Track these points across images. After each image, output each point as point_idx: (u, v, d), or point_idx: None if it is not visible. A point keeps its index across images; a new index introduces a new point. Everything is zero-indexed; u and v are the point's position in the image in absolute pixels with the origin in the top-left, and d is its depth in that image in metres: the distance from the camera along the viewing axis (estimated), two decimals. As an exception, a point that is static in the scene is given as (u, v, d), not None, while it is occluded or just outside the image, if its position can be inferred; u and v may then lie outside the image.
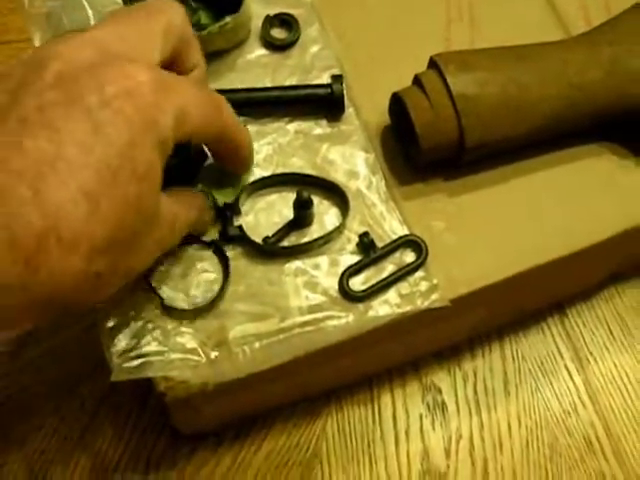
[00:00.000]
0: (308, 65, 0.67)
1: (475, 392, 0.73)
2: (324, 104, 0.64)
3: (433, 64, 0.61)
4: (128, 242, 0.46)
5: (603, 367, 0.76)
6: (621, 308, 0.78)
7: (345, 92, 0.64)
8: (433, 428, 0.72)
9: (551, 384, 0.74)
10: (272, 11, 0.68)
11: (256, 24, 0.68)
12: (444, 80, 0.60)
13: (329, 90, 0.64)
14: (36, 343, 0.72)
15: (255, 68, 0.67)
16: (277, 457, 0.70)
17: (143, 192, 0.45)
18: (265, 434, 0.70)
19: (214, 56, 0.66)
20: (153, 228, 0.49)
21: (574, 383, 0.75)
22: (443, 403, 0.73)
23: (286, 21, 0.68)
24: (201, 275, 0.60)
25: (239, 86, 0.65)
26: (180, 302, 0.59)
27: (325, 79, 0.66)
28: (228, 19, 0.63)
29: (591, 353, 0.76)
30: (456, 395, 0.73)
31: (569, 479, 0.71)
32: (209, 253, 0.61)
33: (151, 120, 0.45)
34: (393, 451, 0.71)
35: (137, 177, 0.44)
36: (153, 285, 0.59)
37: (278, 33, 0.68)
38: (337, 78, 0.64)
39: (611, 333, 0.77)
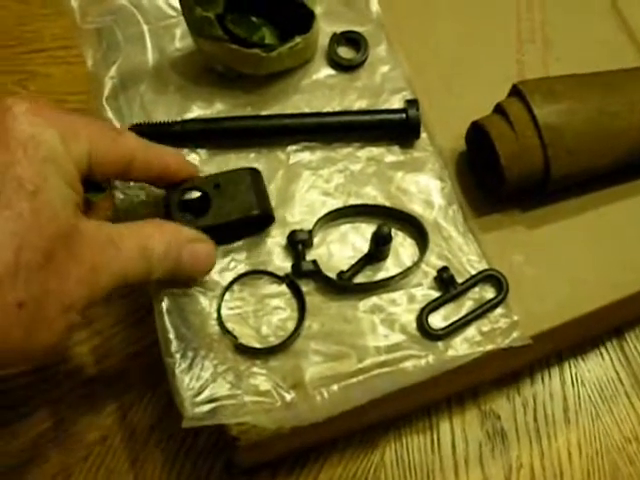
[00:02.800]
0: (377, 87, 0.65)
1: (535, 419, 0.72)
2: (398, 130, 0.62)
3: (516, 92, 0.59)
4: (43, 264, 0.44)
5: (664, 394, 0.74)
6: (680, 333, 0.77)
7: (421, 118, 0.61)
8: (493, 456, 0.70)
9: (611, 410, 0.73)
10: (338, 29, 0.65)
11: (322, 42, 0.65)
12: (529, 110, 0.58)
13: (404, 115, 0.61)
14: (76, 371, 0.69)
15: (322, 89, 0.64)
16: (335, 488, 0.68)
17: (40, 207, 0.44)
18: (321, 465, 0.68)
19: (279, 76, 0.63)
20: (78, 248, 0.47)
21: (635, 410, 0.73)
22: (502, 430, 0.71)
23: (353, 40, 0.65)
24: (274, 312, 0.57)
25: (305, 108, 0.63)
26: (252, 341, 0.56)
27: (396, 102, 0.64)
28: (298, 39, 0.60)
29: (651, 379, 0.75)
30: (515, 422, 0.71)
31: (632, 508, 0.70)
32: (281, 289, 0.58)
33: (27, 137, 0.45)
34: (453, 480, 0.69)
35: (27, 193, 0.44)
36: (224, 324, 0.56)
37: (345, 52, 0.65)
38: (412, 103, 0.61)
39: (671, 358, 0.76)
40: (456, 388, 0.70)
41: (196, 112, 0.63)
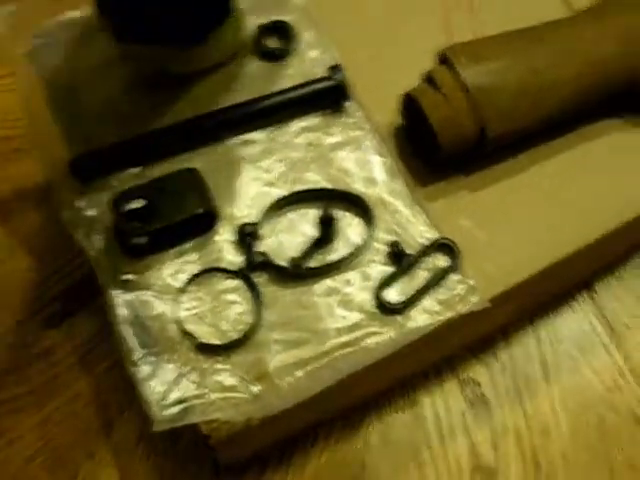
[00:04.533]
0: (309, 72, 0.65)
1: (515, 381, 0.71)
2: (328, 97, 0.62)
3: (443, 58, 0.59)
4: None
5: (640, 338, 0.74)
6: (651, 276, 0.77)
7: (348, 83, 0.63)
8: (477, 423, 0.70)
9: (590, 363, 0.73)
10: (264, 20, 0.65)
11: (251, 35, 0.65)
12: (457, 73, 0.58)
13: (330, 81, 0.61)
14: (58, 391, 0.69)
15: (255, 81, 0.65)
16: (324, 476, 0.68)
17: None
18: (307, 455, 0.68)
19: (211, 72, 0.63)
20: None
21: (614, 359, 0.73)
22: (484, 396, 0.71)
23: (280, 29, 0.65)
24: (231, 307, 0.58)
25: (240, 101, 0.63)
26: (213, 339, 0.56)
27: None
28: (221, 30, 0.60)
29: (627, 326, 0.75)
30: (496, 387, 0.71)
31: (623, 457, 0.70)
32: (235, 283, 0.58)
33: None
34: (440, 453, 0.69)
35: None
36: (183, 326, 0.56)
37: (273, 43, 0.65)
38: (335, 68, 0.62)
39: (644, 302, 0.76)
40: (429, 359, 0.70)
41: (136, 124, 0.63)
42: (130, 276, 0.58)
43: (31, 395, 0.69)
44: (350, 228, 0.60)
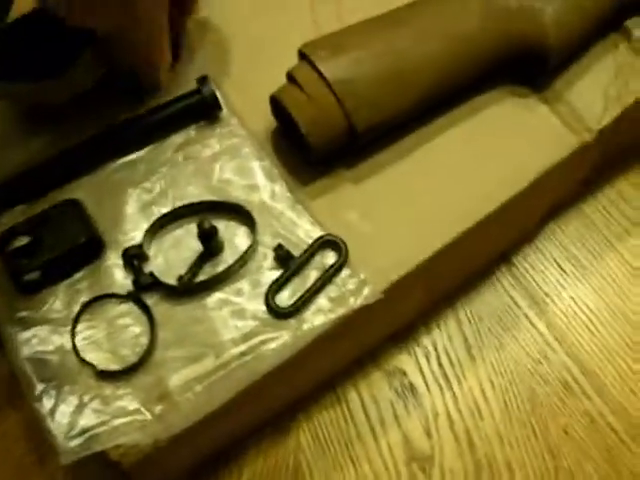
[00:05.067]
0: (181, 85, 0.64)
1: (440, 365, 0.71)
2: (201, 110, 0.62)
3: (303, 55, 0.58)
4: None
5: (562, 305, 0.74)
6: (566, 242, 0.76)
7: (217, 92, 0.63)
8: (407, 412, 0.70)
9: (515, 337, 0.72)
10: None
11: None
12: (317, 69, 0.57)
13: (200, 94, 0.61)
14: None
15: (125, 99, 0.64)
16: (260, 484, 0.68)
17: None
18: (240, 465, 0.69)
19: (81, 99, 0.63)
20: None
21: (537, 330, 0.73)
22: (411, 385, 0.71)
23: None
24: (126, 331, 0.58)
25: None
26: (112, 365, 0.56)
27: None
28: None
29: (547, 294, 0.74)
30: (422, 373, 0.71)
31: (556, 427, 0.69)
32: (128, 306, 0.58)
33: None
34: (373, 446, 0.69)
35: None
36: (81, 355, 0.56)
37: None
38: (203, 80, 0.62)
39: (562, 269, 0.75)
40: (350, 355, 0.70)
41: (15, 160, 0.63)
42: (25, 313, 0.58)
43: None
44: (237, 237, 0.60)
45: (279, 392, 0.64)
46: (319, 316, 0.57)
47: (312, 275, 0.58)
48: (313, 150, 0.58)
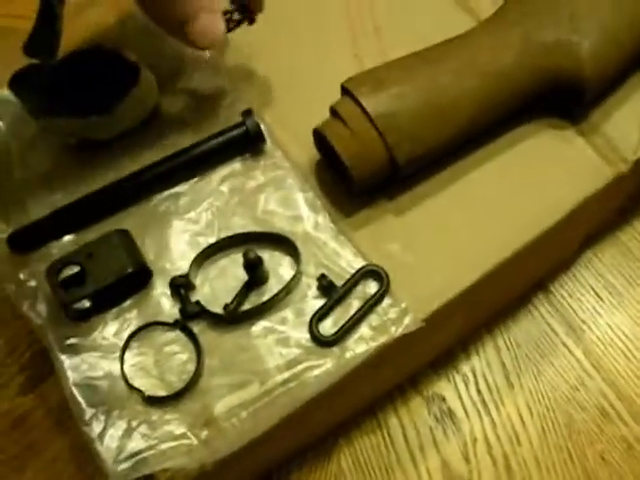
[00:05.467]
0: (226, 118, 0.66)
1: (479, 392, 0.72)
2: (245, 143, 0.64)
3: (345, 90, 0.60)
4: None
5: (599, 332, 0.75)
6: (602, 269, 0.77)
7: (261, 124, 0.64)
8: (446, 438, 0.71)
9: (552, 364, 0.73)
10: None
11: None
12: (359, 104, 0.58)
13: (244, 127, 0.63)
14: (37, 455, 0.72)
15: (175, 132, 0.66)
16: (302, 509, 0.69)
17: None
18: (285, 489, 0.70)
19: (131, 133, 0.65)
20: None
21: (574, 356, 0.74)
22: (450, 410, 0.72)
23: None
24: (173, 358, 0.59)
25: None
26: (159, 391, 0.58)
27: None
28: (130, 94, 0.62)
29: (584, 322, 0.75)
30: (461, 399, 0.72)
31: (593, 452, 0.70)
32: (175, 334, 0.60)
33: None
34: (413, 471, 0.70)
35: None
36: (129, 381, 0.58)
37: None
38: (247, 113, 0.63)
39: (598, 296, 0.76)
40: (391, 381, 0.71)
41: (63, 191, 0.65)
42: (75, 340, 0.60)
43: (12, 462, 0.71)
44: (281, 267, 0.61)
45: (321, 418, 0.65)
46: (361, 344, 0.59)
47: (354, 304, 0.60)
48: (356, 183, 0.59)
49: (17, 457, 0.72)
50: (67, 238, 0.63)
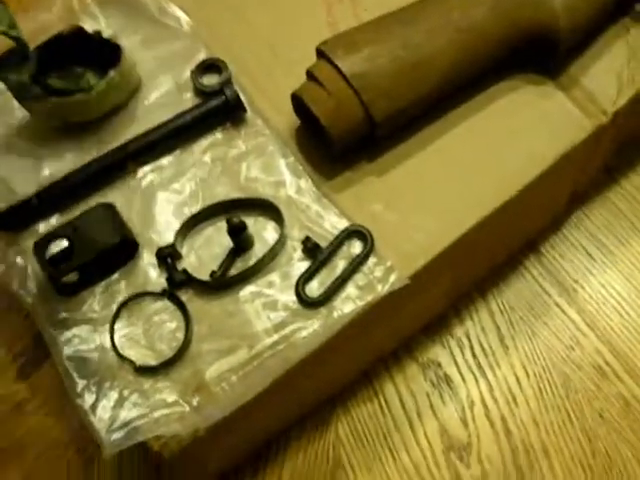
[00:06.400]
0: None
1: (474, 356, 0.72)
2: (225, 112, 0.64)
3: (321, 53, 0.60)
4: None
5: (592, 291, 0.75)
6: (593, 229, 0.77)
7: (241, 94, 0.65)
8: (443, 403, 0.71)
9: (546, 325, 0.73)
10: (156, 53, 0.67)
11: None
12: (335, 66, 0.59)
13: (224, 97, 0.63)
14: (38, 440, 0.72)
15: (157, 109, 0.66)
16: (301, 478, 0.69)
17: None
18: (282, 459, 0.70)
19: (113, 113, 0.66)
20: None
21: (568, 317, 0.74)
22: (446, 376, 0.72)
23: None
24: (162, 327, 0.59)
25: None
26: (150, 360, 0.58)
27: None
28: (112, 73, 0.63)
29: (576, 282, 0.75)
30: (456, 364, 0.72)
31: (591, 411, 0.70)
32: (163, 303, 0.60)
33: None
34: (411, 436, 0.70)
35: None
36: (120, 352, 0.58)
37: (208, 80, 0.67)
38: (226, 83, 0.64)
39: (590, 256, 0.76)
40: (384, 346, 0.71)
41: (49, 170, 0.66)
42: (66, 314, 0.60)
43: (12, 447, 0.72)
44: (266, 232, 0.62)
45: (314, 383, 0.65)
46: (348, 304, 0.59)
47: (340, 265, 0.60)
48: (335, 142, 0.59)
49: (18, 442, 0.72)
50: (55, 217, 0.64)
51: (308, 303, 0.59)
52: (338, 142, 0.60)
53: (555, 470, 0.69)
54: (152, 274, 0.61)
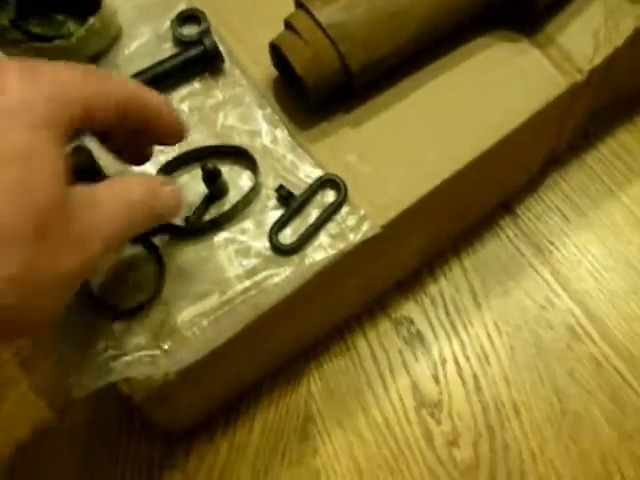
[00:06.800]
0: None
1: (447, 313, 0.73)
2: (204, 62, 0.65)
3: (299, 4, 0.61)
4: (35, 234, 0.41)
5: (566, 253, 0.75)
6: (568, 191, 0.78)
7: (218, 43, 0.65)
8: (416, 359, 0.71)
9: (520, 284, 0.74)
10: (138, 1, 0.68)
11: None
12: (312, 15, 0.59)
13: (202, 46, 0.64)
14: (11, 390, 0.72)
15: (137, 58, 0.66)
16: (272, 431, 0.70)
17: (33, 174, 0.41)
18: (253, 412, 0.70)
19: (95, 60, 0.66)
20: (71, 216, 0.43)
21: (542, 277, 0.74)
22: (419, 332, 0.72)
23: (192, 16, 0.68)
24: (136, 272, 0.60)
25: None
26: (122, 303, 0.58)
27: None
28: (92, 20, 0.63)
29: (552, 242, 0.76)
30: (429, 321, 0.73)
31: (563, 371, 0.70)
32: (137, 248, 0.60)
33: (20, 102, 0.42)
34: (383, 393, 0.70)
35: (19, 158, 0.41)
36: (96, 296, 0.58)
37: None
38: (204, 33, 0.64)
39: (565, 217, 0.77)
40: (358, 299, 0.71)
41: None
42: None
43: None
44: (241, 180, 0.62)
45: (287, 334, 0.66)
46: (320, 252, 0.59)
47: (313, 213, 0.60)
48: (311, 91, 0.60)
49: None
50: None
51: (281, 250, 0.59)
52: (314, 92, 0.60)
53: (525, 428, 0.69)
54: (127, 220, 0.61)
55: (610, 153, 0.81)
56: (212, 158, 0.62)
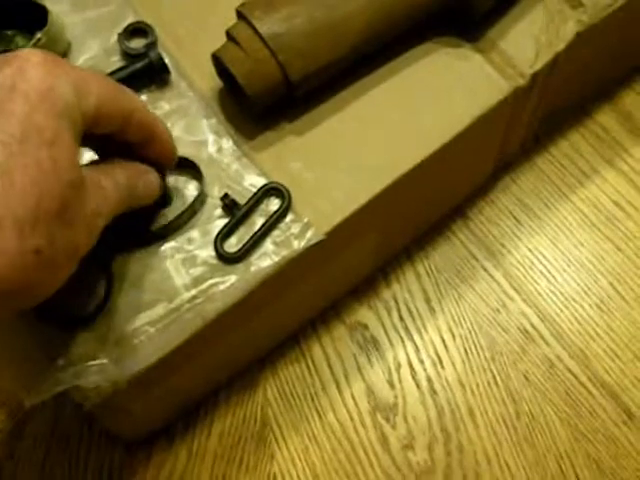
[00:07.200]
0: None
1: (401, 318, 0.73)
2: (150, 75, 0.66)
3: (240, 15, 0.62)
4: (59, 212, 0.45)
5: (519, 255, 0.76)
6: (520, 194, 0.79)
7: (165, 55, 0.66)
8: (370, 364, 0.72)
9: (473, 288, 0.74)
10: (86, 15, 0.69)
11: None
12: (252, 26, 0.60)
13: (147, 59, 0.65)
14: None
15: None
16: (229, 437, 0.70)
17: (57, 156, 0.44)
18: (211, 419, 0.71)
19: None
20: (84, 196, 0.47)
21: (495, 280, 0.75)
22: (373, 338, 0.73)
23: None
24: (85, 281, 0.60)
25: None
26: (71, 312, 0.59)
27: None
28: (39, 35, 0.64)
29: (503, 245, 0.76)
30: (383, 326, 0.73)
31: (516, 373, 0.71)
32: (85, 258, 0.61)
33: (46, 88, 0.45)
34: (338, 398, 0.71)
35: (46, 142, 0.44)
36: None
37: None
38: (150, 45, 0.65)
39: (517, 220, 0.77)
40: (312, 305, 0.72)
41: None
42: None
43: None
44: (187, 191, 0.63)
45: (238, 341, 0.66)
46: (265, 259, 0.60)
47: (258, 221, 0.61)
48: (253, 102, 0.61)
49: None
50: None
51: (226, 258, 0.60)
52: (256, 102, 0.61)
53: (480, 430, 0.70)
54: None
55: (561, 155, 0.81)
56: (157, 168, 0.62)
